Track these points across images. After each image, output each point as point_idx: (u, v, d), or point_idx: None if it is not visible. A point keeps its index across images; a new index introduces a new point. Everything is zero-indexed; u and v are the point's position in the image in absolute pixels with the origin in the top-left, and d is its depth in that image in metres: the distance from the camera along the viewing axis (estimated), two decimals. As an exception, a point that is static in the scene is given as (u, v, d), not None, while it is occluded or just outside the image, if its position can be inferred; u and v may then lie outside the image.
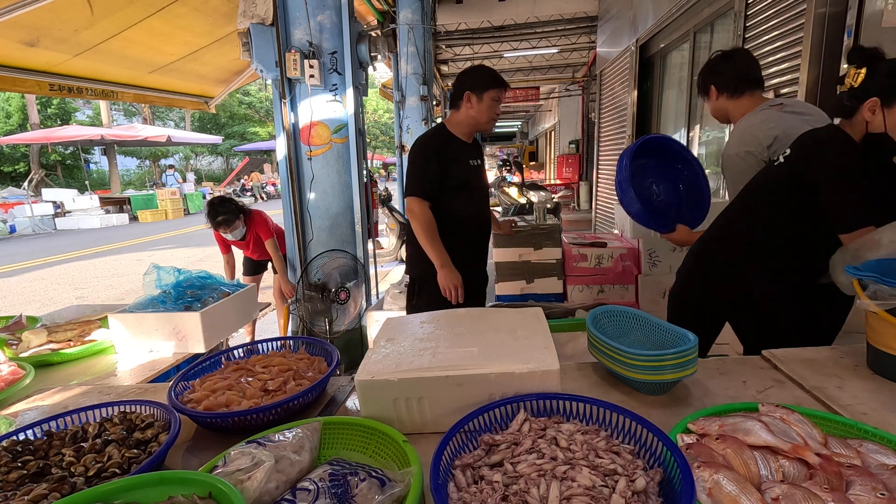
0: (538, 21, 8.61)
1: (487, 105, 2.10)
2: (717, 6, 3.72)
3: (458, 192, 2.14)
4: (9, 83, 3.71)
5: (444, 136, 2.15)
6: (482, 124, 2.14)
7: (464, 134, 2.18)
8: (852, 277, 1.13)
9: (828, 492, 0.69)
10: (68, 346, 1.95)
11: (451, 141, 2.15)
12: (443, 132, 2.17)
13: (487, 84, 2.08)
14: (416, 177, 2.09)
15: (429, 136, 2.17)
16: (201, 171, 26.30)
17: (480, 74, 2.10)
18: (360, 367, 1.01)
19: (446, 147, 2.11)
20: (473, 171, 2.21)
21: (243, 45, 3.05)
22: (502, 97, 2.13)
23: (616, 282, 2.91)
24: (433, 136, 2.17)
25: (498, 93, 2.10)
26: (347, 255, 2.97)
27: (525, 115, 23.39)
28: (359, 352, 3.28)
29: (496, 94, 2.10)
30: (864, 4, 2.16)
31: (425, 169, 2.08)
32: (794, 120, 1.63)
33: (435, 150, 2.09)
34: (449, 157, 2.09)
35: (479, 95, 2.08)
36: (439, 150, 2.09)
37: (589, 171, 9.96)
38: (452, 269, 2.05)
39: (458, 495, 0.73)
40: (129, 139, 15.99)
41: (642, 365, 1.04)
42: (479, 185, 2.27)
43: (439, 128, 2.20)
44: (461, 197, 2.16)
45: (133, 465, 0.88)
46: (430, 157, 2.08)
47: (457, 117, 2.17)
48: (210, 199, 3.67)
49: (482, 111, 2.10)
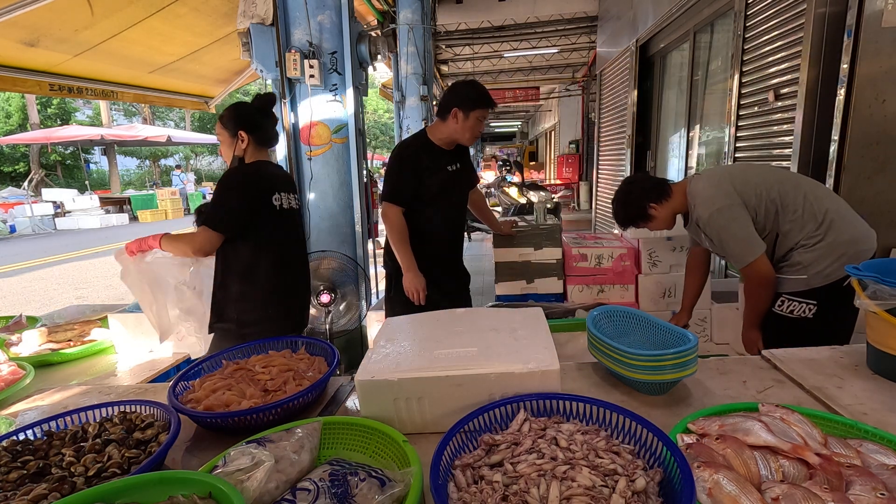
0: (538, 21, 8.62)
1: (472, 123, 2.11)
2: (717, 6, 3.72)
3: (434, 200, 2.17)
4: (9, 83, 3.71)
5: (421, 144, 2.18)
6: (463, 140, 2.17)
7: (443, 143, 2.20)
8: (853, 278, 1.13)
9: (828, 492, 0.68)
10: (68, 346, 1.95)
11: (429, 149, 2.17)
12: (421, 140, 2.20)
13: (475, 103, 2.08)
14: (390, 184, 2.15)
15: (405, 146, 2.20)
16: (201, 171, 26.28)
17: (469, 92, 2.10)
18: (360, 367, 1.01)
19: (422, 156, 2.14)
20: (451, 177, 2.22)
21: (243, 45, 3.05)
22: (487, 116, 2.15)
23: (616, 282, 2.91)
24: (410, 144, 2.20)
25: (484, 112, 2.12)
26: (342, 257, 2.96)
27: (525, 115, 23.39)
28: (359, 352, 3.28)
29: (482, 114, 2.12)
30: (864, 4, 2.16)
31: (399, 177, 2.13)
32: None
33: (410, 160, 2.13)
34: (424, 167, 2.12)
35: (466, 113, 2.09)
36: (414, 160, 2.12)
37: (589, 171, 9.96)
38: (416, 274, 2.12)
39: (458, 495, 0.73)
40: (129, 139, 15.98)
41: (642, 365, 1.04)
42: (457, 191, 2.29)
43: (419, 135, 2.23)
44: (436, 205, 2.19)
45: (133, 465, 0.88)
46: (405, 166, 2.12)
47: (440, 127, 2.18)
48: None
49: (466, 128, 2.11)
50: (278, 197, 1.86)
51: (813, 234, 1.68)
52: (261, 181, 1.82)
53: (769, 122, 2.89)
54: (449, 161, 2.22)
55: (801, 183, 1.76)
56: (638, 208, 1.95)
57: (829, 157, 2.38)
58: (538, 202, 7.58)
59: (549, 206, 6.69)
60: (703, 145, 4.30)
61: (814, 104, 2.48)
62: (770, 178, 1.76)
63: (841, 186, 2.33)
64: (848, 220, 1.68)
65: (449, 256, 2.37)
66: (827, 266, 1.65)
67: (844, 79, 2.27)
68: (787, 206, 1.71)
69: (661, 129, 5.35)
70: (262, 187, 1.82)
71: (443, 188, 2.18)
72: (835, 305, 1.67)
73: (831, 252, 1.65)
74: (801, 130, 2.52)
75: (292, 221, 1.96)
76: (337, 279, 2.92)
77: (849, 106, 2.26)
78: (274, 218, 1.84)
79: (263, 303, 1.86)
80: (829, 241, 1.66)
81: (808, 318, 1.70)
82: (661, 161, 5.31)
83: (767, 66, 2.86)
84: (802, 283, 1.70)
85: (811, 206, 1.69)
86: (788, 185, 1.74)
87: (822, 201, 1.70)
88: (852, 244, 1.64)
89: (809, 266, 1.68)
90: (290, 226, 1.95)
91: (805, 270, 1.69)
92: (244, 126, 1.83)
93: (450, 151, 2.23)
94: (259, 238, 1.82)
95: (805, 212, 1.69)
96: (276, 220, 1.85)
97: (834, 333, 1.68)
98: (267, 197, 1.82)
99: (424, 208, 2.18)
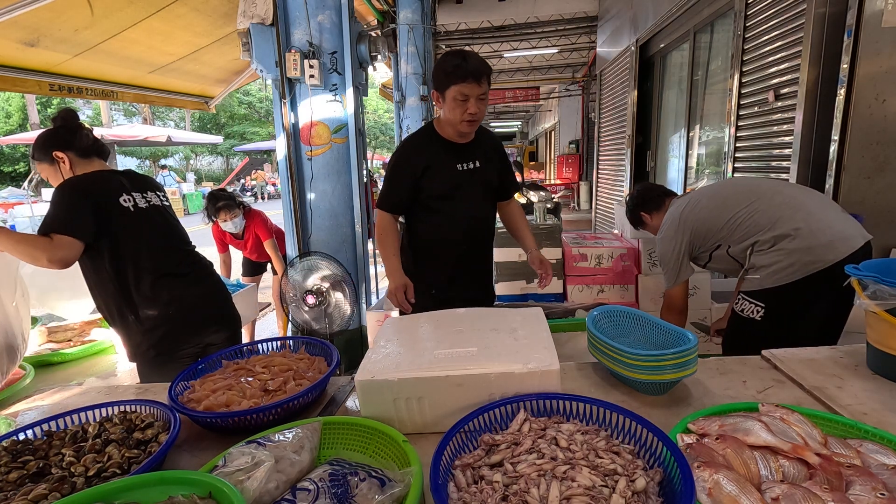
0: (538, 21, 8.61)
1: (450, 105, 1.74)
2: (717, 6, 3.72)
3: (439, 206, 1.87)
4: (9, 83, 3.71)
5: (424, 139, 1.90)
6: (458, 128, 1.80)
7: (451, 135, 1.86)
8: (853, 278, 1.13)
9: (828, 492, 0.68)
10: (68, 346, 1.95)
11: (433, 145, 1.87)
12: (425, 134, 1.91)
13: (448, 77, 1.70)
14: (385, 188, 1.91)
15: (405, 143, 1.94)
16: (201, 171, 26.28)
17: (442, 65, 1.72)
18: (360, 367, 1.01)
19: (423, 154, 1.85)
20: (462, 178, 1.88)
21: (243, 45, 3.06)
22: (476, 93, 1.71)
23: (616, 282, 2.91)
24: (413, 140, 1.93)
25: (464, 88, 1.68)
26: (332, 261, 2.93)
27: (525, 115, 23.37)
28: (359, 352, 3.28)
29: (462, 91, 1.69)
30: (864, 4, 2.16)
31: (390, 181, 1.89)
32: None
33: (405, 160, 1.86)
34: (423, 167, 1.83)
35: (442, 92, 1.75)
36: (410, 160, 1.86)
37: (589, 171, 9.95)
38: (398, 276, 1.84)
39: (458, 495, 0.73)
40: (129, 139, 15.96)
41: (642, 365, 1.04)
42: (472, 195, 1.92)
43: (424, 128, 1.95)
44: (442, 212, 1.88)
45: (133, 465, 0.88)
46: (399, 168, 1.87)
47: (442, 116, 1.86)
48: (210, 191, 3.79)
49: (448, 113, 1.77)
50: (127, 199, 1.68)
51: (763, 241, 1.74)
52: (94, 184, 1.64)
53: (769, 122, 2.89)
54: (460, 158, 1.88)
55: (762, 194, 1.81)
56: (635, 214, 2.27)
57: (829, 157, 2.38)
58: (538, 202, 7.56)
59: (549, 206, 6.66)
60: (703, 145, 4.30)
61: (814, 104, 2.48)
62: (721, 206, 1.87)
63: (841, 186, 2.33)
64: (815, 228, 1.68)
65: (464, 276, 1.98)
66: (779, 270, 1.70)
67: (844, 79, 2.27)
68: (734, 224, 1.82)
69: (661, 129, 5.34)
70: (99, 190, 1.63)
71: (450, 192, 1.86)
72: (787, 311, 1.72)
73: (785, 257, 1.69)
74: (801, 130, 2.52)
75: (158, 219, 1.77)
76: (335, 280, 2.92)
77: (849, 106, 2.26)
78: (131, 220, 1.67)
79: (163, 315, 1.69)
80: (780, 246, 1.70)
81: (755, 319, 1.76)
82: (661, 161, 5.31)
83: (767, 66, 2.86)
84: (756, 283, 1.76)
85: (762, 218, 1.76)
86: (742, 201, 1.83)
87: (781, 212, 1.74)
88: (807, 252, 1.66)
89: (763, 268, 1.74)
90: (155, 224, 1.75)
91: (759, 272, 1.75)
92: (54, 146, 1.66)
93: (463, 146, 1.89)
94: (119, 244, 1.63)
95: (754, 225, 1.77)
96: (136, 222, 1.68)
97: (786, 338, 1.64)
98: (112, 200, 1.64)
99: (428, 216, 1.90)
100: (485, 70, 1.71)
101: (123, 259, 1.65)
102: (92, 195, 1.60)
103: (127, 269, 1.65)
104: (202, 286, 1.84)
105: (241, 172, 22.86)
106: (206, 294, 1.84)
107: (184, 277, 1.77)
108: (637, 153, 5.69)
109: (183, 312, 1.73)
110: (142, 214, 1.71)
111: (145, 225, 1.71)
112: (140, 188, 1.76)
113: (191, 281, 1.79)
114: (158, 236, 1.75)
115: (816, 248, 1.65)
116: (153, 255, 1.70)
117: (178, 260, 1.80)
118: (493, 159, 1.97)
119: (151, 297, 1.68)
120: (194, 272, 1.83)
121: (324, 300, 2.87)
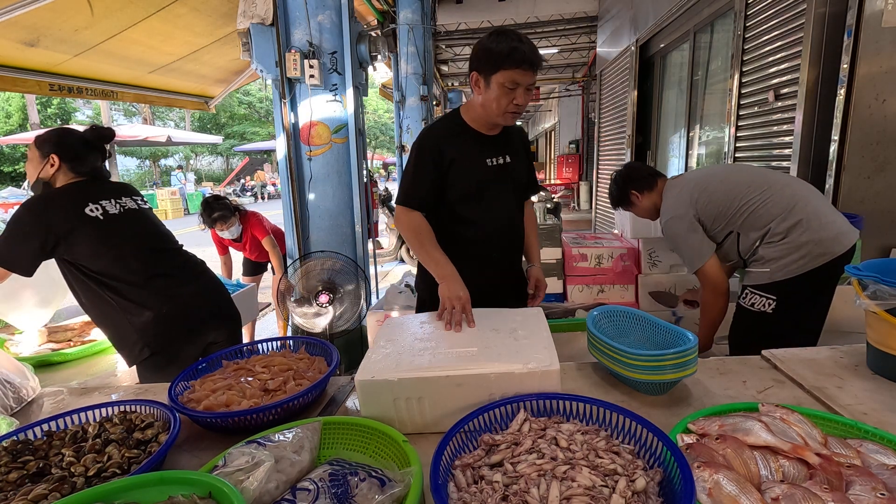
0: (538, 21, 8.61)
1: (496, 94, 1.48)
2: (717, 6, 3.72)
3: (466, 206, 1.63)
4: (9, 83, 3.71)
5: (450, 129, 1.64)
6: (497, 119, 1.56)
7: (481, 125, 1.63)
8: (853, 278, 1.13)
9: (828, 492, 0.68)
10: (68, 346, 1.95)
11: (461, 136, 1.62)
12: (451, 123, 1.66)
13: (498, 61, 1.44)
14: (406, 181, 1.63)
15: (426, 133, 1.66)
16: (201, 171, 26.28)
17: (491, 45, 1.46)
18: (360, 367, 1.01)
19: (449, 146, 1.60)
20: (492, 175, 1.64)
21: (243, 45, 3.05)
22: (527, 82, 1.49)
23: (616, 282, 2.91)
24: (438, 127, 1.67)
25: (516, 75, 1.45)
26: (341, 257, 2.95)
27: (525, 115, 23.41)
28: (359, 352, 3.28)
29: (513, 78, 1.45)
30: (864, 4, 2.16)
31: (413, 175, 1.62)
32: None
33: (429, 152, 1.60)
34: (453, 158, 1.59)
35: (487, 78, 1.49)
36: (439, 150, 1.59)
37: (589, 171, 9.96)
38: (455, 282, 1.43)
39: (458, 495, 0.73)
40: (129, 139, 15.95)
41: (642, 365, 1.04)
42: (502, 194, 1.68)
43: (451, 115, 1.69)
44: (470, 212, 1.64)
45: (133, 465, 0.88)
46: (426, 159, 1.60)
47: (472, 103, 1.63)
48: (205, 198, 3.74)
49: (489, 100, 1.51)
50: (94, 208, 1.64)
51: (775, 232, 1.73)
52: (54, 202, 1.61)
53: (769, 122, 2.89)
54: (491, 152, 1.64)
55: (773, 184, 1.80)
56: (623, 192, 2.10)
57: (829, 157, 2.38)
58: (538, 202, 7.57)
59: (549, 206, 6.68)
60: (703, 145, 4.30)
61: (814, 104, 2.48)
62: (733, 190, 1.83)
63: (841, 186, 2.33)
64: (823, 221, 1.71)
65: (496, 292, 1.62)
66: (790, 262, 1.70)
67: (844, 79, 2.27)
68: (748, 210, 1.78)
69: (661, 129, 5.35)
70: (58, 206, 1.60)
71: (478, 191, 1.63)
72: (797, 302, 1.72)
73: (796, 249, 1.70)
74: (801, 130, 2.52)
75: (136, 222, 1.74)
76: (337, 280, 2.92)
77: (849, 106, 2.27)
78: (102, 227, 1.63)
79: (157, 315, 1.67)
80: (791, 238, 1.70)
81: (767, 312, 1.75)
82: (662, 161, 5.31)
83: (767, 66, 2.86)
84: (765, 276, 1.75)
85: (775, 208, 1.74)
86: (754, 188, 1.79)
87: (793, 202, 1.74)
88: (818, 244, 1.68)
89: (772, 261, 1.73)
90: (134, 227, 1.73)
91: (768, 265, 1.74)
92: (58, 151, 1.66)
93: (493, 138, 1.65)
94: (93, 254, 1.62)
95: (768, 213, 1.75)
96: (109, 229, 1.65)
97: (795, 331, 1.72)
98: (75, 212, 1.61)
99: (452, 222, 1.65)
100: (539, 58, 1.52)
101: (103, 267, 1.64)
102: (45, 219, 1.58)
103: (111, 274, 1.64)
104: (195, 284, 1.82)
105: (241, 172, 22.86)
106: (200, 292, 1.83)
107: (175, 277, 1.76)
108: (637, 153, 5.69)
109: (177, 311, 1.72)
110: (114, 220, 1.68)
111: (123, 229, 1.69)
112: (112, 194, 1.73)
113: (183, 280, 1.78)
114: (142, 239, 1.74)
115: (826, 241, 1.68)
116: (140, 257, 1.69)
117: (167, 260, 1.79)
118: (521, 154, 1.74)
119: (143, 299, 1.67)
120: (186, 271, 1.82)
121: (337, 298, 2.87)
